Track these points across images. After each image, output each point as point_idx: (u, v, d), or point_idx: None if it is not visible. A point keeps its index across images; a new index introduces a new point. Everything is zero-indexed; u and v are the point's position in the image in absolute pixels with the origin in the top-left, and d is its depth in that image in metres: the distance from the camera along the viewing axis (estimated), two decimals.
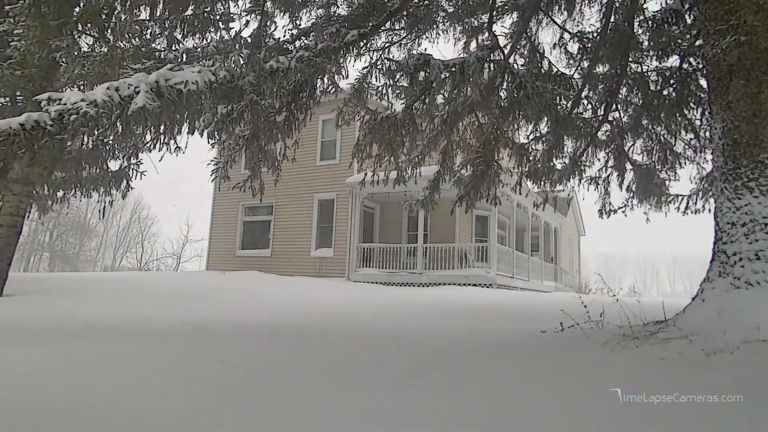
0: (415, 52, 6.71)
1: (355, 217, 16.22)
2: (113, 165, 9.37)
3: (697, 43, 6.59)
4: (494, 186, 7.69)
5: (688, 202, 8.48)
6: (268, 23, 5.13)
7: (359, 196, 16.13)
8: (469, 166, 7.49)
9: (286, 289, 11.82)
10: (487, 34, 6.82)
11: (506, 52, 6.76)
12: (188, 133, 4.33)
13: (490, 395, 2.78)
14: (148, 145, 4.27)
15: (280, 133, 5.71)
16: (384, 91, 6.29)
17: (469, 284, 14.15)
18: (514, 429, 2.27)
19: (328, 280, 15.10)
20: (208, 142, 5.34)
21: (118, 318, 6.61)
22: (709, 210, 7.90)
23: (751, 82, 3.91)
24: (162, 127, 4.06)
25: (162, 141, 4.20)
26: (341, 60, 5.28)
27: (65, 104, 3.50)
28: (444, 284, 14.24)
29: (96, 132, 3.56)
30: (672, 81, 7.17)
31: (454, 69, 5.95)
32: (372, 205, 17.65)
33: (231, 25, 8.21)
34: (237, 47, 4.95)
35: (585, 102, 7.66)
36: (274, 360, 3.80)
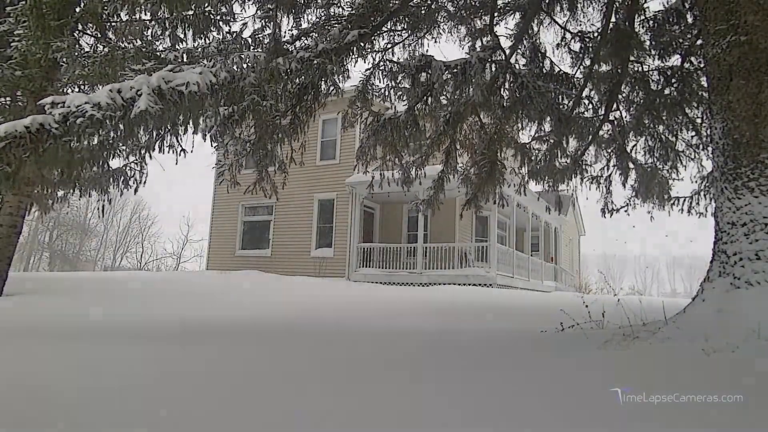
0: (417, 53, 6.71)
1: (355, 217, 16.23)
2: (114, 164, 9.40)
3: (698, 42, 6.59)
4: (500, 187, 7.69)
5: (690, 203, 8.48)
6: (270, 24, 5.13)
7: (359, 196, 16.13)
8: (475, 167, 7.48)
9: (293, 289, 11.84)
10: (489, 35, 6.82)
11: (508, 52, 6.77)
12: (193, 133, 4.34)
13: (489, 394, 2.78)
14: (152, 146, 4.28)
15: (286, 137, 5.71)
16: (386, 93, 6.29)
17: (469, 284, 14.16)
18: (514, 428, 2.28)
19: (329, 279, 15.11)
20: (212, 145, 5.36)
21: (125, 318, 6.62)
22: (710, 213, 7.90)
23: (751, 82, 3.92)
24: (164, 130, 4.07)
25: (165, 143, 4.21)
26: (344, 61, 5.27)
27: (69, 107, 3.51)
28: (444, 284, 14.25)
29: (100, 134, 3.56)
30: (673, 80, 7.17)
31: (455, 70, 5.95)
32: (372, 205, 17.66)
33: (231, 25, 8.21)
34: (238, 48, 4.95)
35: (586, 101, 7.66)
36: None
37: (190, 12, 8.22)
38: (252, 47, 5.07)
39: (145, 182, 9.05)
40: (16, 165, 3.51)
